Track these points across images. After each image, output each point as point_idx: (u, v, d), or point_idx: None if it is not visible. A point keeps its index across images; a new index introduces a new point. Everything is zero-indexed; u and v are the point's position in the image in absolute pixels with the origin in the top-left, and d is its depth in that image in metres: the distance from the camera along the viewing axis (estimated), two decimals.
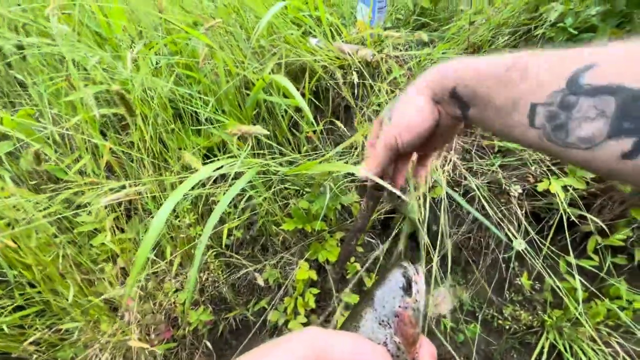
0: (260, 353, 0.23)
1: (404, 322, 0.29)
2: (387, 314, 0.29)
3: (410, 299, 0.30)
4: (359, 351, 0.24)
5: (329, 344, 0.23)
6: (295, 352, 0.22)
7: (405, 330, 0.28)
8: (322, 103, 1.13)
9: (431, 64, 1.11)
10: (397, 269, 0.32)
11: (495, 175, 1.09)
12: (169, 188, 0.81)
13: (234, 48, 0.85)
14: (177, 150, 0.89)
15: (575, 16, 0.87)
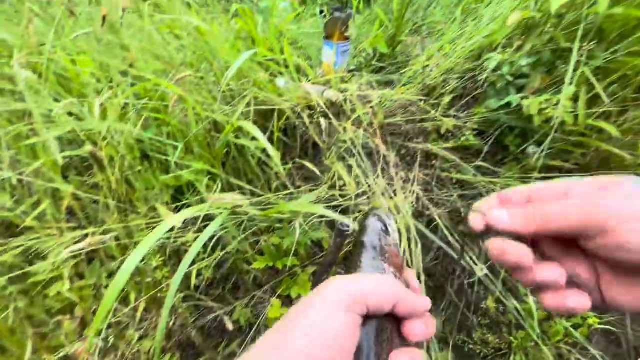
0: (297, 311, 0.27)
1: (393, 255, 0.36)
2: (378, 252, 0.36)
3: (390, 237, 0.38)
4: (380, 281, 0.30)
5: (356, 285, 0.28)
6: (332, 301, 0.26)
7: (394, 261, 0.35)
8: (291, 140, 1.18)
9: (392, 104, 1.21)
10: (373, 217, 0.39)
11: (455, 204, 1.16)
12: (136, 232, 0.79)
13: (203, 92, 0.88)
14: (145, 191, 0.88)
15: (511, 65, 1.00)
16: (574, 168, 1.08)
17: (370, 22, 1.83)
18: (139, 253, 0.45)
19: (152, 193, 0.85)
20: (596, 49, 0.97)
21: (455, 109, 1.18)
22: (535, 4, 1.01)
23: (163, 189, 0.87)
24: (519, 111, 1.01)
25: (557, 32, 0.97)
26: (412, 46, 1.46)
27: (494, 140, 1.12)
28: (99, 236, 0.53)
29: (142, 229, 0.85)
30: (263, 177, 1.07)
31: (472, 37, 1.18)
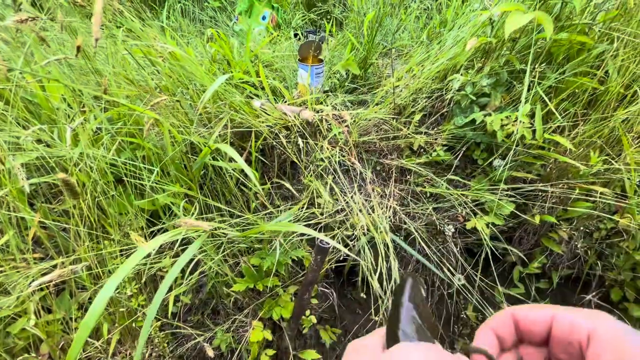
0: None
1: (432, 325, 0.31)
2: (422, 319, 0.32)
3: None
4: None
5: None
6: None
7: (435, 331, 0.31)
8: (269, 160, 1.19)
9: (366, 122, 1.25)
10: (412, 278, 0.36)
11: (430, 217, 1.20)
12: (109, 260, 0.76)
13: (179, 114, 0.88)
14: (118, 216, 0.86)
15: (473, 85, 1.07)
16: (536, 178, 1.16)
17: (343, 45, 1.91)
18: (112, 283, 0.44)
19: (126, 218, 0.83)
20: (547, 70, 1.07)
21: (425, 126, 1.24)
22: (491, 30, 1.10)
23: (138, 214, 0.85)
24: (484, 127, 1.08)
25: (512, 55, 1.06)
26: (382, 68, 1.53)
27: (463, 154, 1.19)
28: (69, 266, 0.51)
29: (115, 257, 0.82)
30: (241, 197, 1.07)
31: (437, 60, 1.26)
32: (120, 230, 0.82)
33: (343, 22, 2.68)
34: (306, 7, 3.07)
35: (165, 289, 0.48)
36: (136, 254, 0.47)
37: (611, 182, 1.09)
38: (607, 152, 1.08)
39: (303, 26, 2.77)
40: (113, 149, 0.75)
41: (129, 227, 0.82)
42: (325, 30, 2.43)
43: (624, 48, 0.99)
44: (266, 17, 2.60)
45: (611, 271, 1.17)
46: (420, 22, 1.94)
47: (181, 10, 2.78)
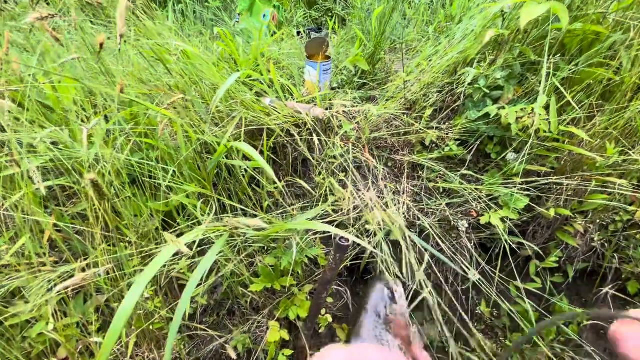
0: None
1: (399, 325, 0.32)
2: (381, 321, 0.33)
3: (397, 305, 0.35)
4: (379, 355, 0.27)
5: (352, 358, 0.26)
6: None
7: (400, 332, 0.32)
8: (280, 158, 1.18)
9: (377, 118, 1.24)
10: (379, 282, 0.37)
11: (444, 213, 1.19)
12: (126, 263, 0.76)
13: (192, 114, 0.87)
14: (133, 218, 0.85)
15: (486, 78, 1.06)
16: (551, 172, 1.14)
17: (347, 41, 1.90)
18: (139, 286, 0.43)
19: (140, 220, 0.82)
20: (560, 62, 1.05)
21: (436, 121, 1.23)
22: (503, 22, 1.08)
23: (153, 215, 0.84)
24: (497, 121, 1.07)
25: (525, 47, 1.04)
26: (391, 63, 1.52)
27: (476, 149, 1.17)
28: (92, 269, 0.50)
29: (131, 259, 0.81)
30: (254, 197, 1.06)
31: (447, 54, 1.24)
32: (135, 232, 0.81)
33: (345, 18, 2.66)
34: (307, 5, 3.05)
35: (190, 293, 0.47)
36: (164, 252, 0.46)
37: (627, 174, 1.08)
38: (623, 143, 1.06)
39: (305, 24, 2.76)
40: (127, 150, 0.74)
41: (144, 228, 0.81)
42: (327, 27, 2.42)
43: (639, 38, 0.98)
44: (267, 15, 2.59)
45: (628, 264, 1.16)
46: (425, 17, 1.93)
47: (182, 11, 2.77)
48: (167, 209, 0.85)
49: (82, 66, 0.76)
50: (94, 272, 0.49)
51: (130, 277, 0.74)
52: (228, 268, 0.82)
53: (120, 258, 0.77)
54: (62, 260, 0.89)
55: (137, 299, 0.42)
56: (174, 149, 0.83)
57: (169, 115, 0.68)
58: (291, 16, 2.79)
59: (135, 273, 0.74)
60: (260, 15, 2.60)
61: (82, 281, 0.49)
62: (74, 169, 0.74)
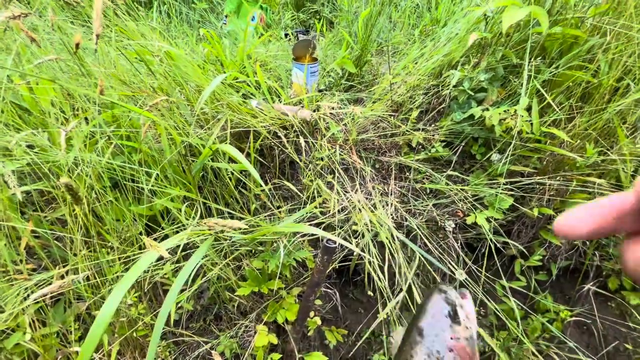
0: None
1: (463, 355, 0.25)
2: (440, 349, 0.25)
3: (460, 327, 0.26)
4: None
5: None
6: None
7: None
8: (268, 160, 1.17)
9: (364, 120, 1.25)
10: (438, 294, 0.28)
11: (431, 213, 1.20)
12: (107, 269, 0.73)
13: (176, 116, 0.85)
14: (115, 223, 0.83)
15: (470, 80, 1.07)
16: (533, 172, 1.17)
17: (335, 44, 1.91)
18: (118, 292, 0.42)
19: (123, 224, 0.80)
20: (541, 65, 1.08)
21: (422, 122, 1.24)
22: (486, 26, 1.11)
23: (136, 220, 0.82)
24: (482, 122, 1.09)
25: (507, 50, 1.07)
26: (377, 65, 1.53)
27: (461, 150, 1.19)
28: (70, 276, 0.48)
29: (112, 265, 0.79)
30: (241, 199, 1.05)
31: (432, 56, 1.26)
32: (117, 237, 0.79)
33: (333, 21, 2.67)
34: (295, 7, 3.05)
35: (173, 298, 0.46)
36: (145, 258, 0.45)
37: (607, 173, 1.11)
38: (602, 143, 1.10)
39: (293, 26, 2.76)
40: (109, 153, 0.73)
41: (127, 233, 0.79)
42: (315, 29, 2.42)
43: (615, 41, 1.01)
44: (255, 17, 2.58)
45: (608, 261, 1.19)
46: (411, 20, 1.95)
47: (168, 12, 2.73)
48: (151, 212, 0.84)
49: (60, 67, 0.74)
50: (72, 279, 0.47)
51: (112, 283, 0.72)
52: (214, 272, 0.80)
53: (101, 264, 0.75)
54: (41, 267, 0.86)
55: (117, 305, 0.41)
56: (157, 151, 0.82)
57: (152, 117, 0.67)
58: (279, 18, 2.79)
59: (118, 279, 0.72)
60: (247, 17, 2.58)
61: (60, 288, 0.47)
62: (52, 173, 0.72)
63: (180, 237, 0.54)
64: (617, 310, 1.24)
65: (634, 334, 1.18)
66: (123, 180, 0.79)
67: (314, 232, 0.61)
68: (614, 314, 1.26)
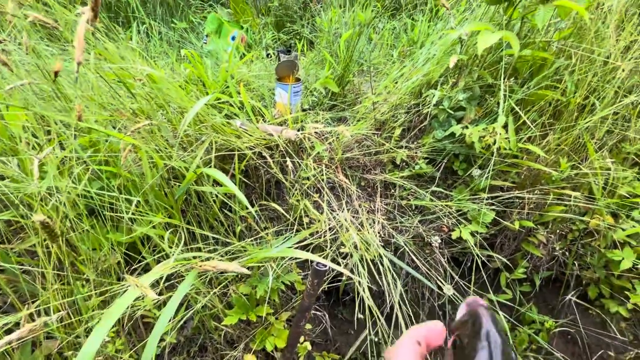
0: None
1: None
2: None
3: None
4: None
5: None
6: None
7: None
8: (253, 181, 1.15)
9: (348, 139, 1.26)
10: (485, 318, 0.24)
11: (417, 230, 1.21)
12: (82, 305, 0.68)
13: (158, 139, 0.83)
14: (91, 252, 0.78)
15: (449, 100, 1.11)
16: (513, 186, 1.21)
17: (316, 63, 1.94)
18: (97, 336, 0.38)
19: (100, 254, 0.76)
20: (514, 85, 1.14)
21: (405, 140, 1.27)
22: (461, 48, 1.16)
23: (114, 248, 0.77)
24: (462, 139, 1.12)
25: (483, 70, 1.12)
26: (359, 85, 1.56)
27: (444, 166, 1.22)
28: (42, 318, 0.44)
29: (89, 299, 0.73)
30: (226, 222, 1.02)
31: (412, 76, 1.30)
32: (94, 269, 0.74)
33: (313, 41, 2.74)
34: (276, 28, 3.11)
35: (158, 336, 0.43)
36: (126, 296, 0.42)
37: (580, 186, 1.16)
38: (574, 158, 1.15)
39: (274, 46, 2.80)
40: (85, 179, 0.69)
41: (105, 264, 0.75)
42: (296, 49, 2.47)
43: (580, 63, 1.08)
44: (235, 37, 2.60)
45: (587, 270, 1.24)
46: (389, 41, 2.03)
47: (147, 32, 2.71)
48: (131, 239, 0.79)
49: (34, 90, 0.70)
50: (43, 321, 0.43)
51: (89, 320, 0.67)
52: (199, 302, 0.77)
53: (76, 299, 0.69)
54: (7, 304, 0.79)
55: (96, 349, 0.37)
56: (138, 176, 0.78)
57: (132, 141, 0.64)
58: (260, 38, 2.82)
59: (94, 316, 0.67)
60: (228, 36, 2.60)
61: (30, 333, 0.43)
62: (22, 202, 0.67)
63: (163, 269, 0.51)
64: (598, 318, 1.28)
65: (615, 342, 1.21)
66: (100, 207, 0.75)
67: (305, 257, 0.59)
68: (595, 322, 1.30)
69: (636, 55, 1.10)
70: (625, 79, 1.10)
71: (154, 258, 0.76)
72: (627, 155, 1.16)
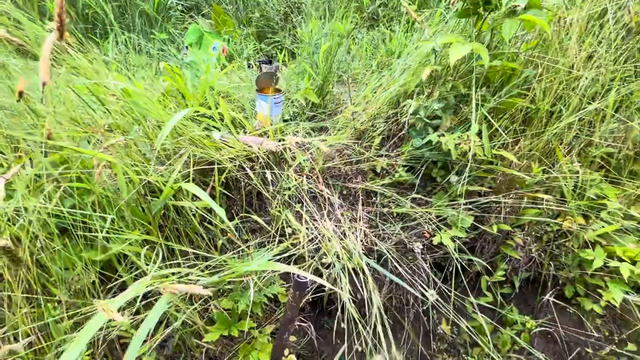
0: None
1: None
2: None
3: None
4: None
5: None
6: None
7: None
8: (234, 193, 1.14)
9: (329, 149, 1.27)
10: None
11: (399, 236, 1.23)
12: (54, 328, 0.65)
13: (134, 153, 0.82)
14: (63, 272, 0.75)
15: (426, 109, 1.15)
16: (489, 191, 1.25)
17: (297, 74, 1.96)
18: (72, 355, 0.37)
19: (73, 274, 0.73)
20: (486, 94, 1.18)
21: (385, 148, 1.30)
22: (435, 59, 1.20)
23: (88, 268, 0.75)
24: (439, 147, 1.15)
25: (456, 81, 1.16)
26: (339, 95, 1.59)
27: (423, 173, 1.25)
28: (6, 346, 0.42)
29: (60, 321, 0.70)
30: (206, 235, 1.00)
31: (390, 86, 1.34)
32: (67, 289, 0.72)
33: (295, 52, 2.77)
34: (257, 39, 3.13)
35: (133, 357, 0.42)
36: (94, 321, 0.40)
37: (552, 189, 1.21)
38: (545, 162, 1.20)
39: (256, 56, 2.81)
40: (57, 197, 0.67)
41: (78, 284, 0.72)
42: (278, 60, 2.49)
43: (546, 72, 1.14)
44: (217, 48, 2.60)
45: (562, 270, 1.28)
46: (368, 52, 2.07)
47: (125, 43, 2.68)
48: (107, 257, 0.77)
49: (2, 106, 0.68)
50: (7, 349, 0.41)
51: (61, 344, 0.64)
52: (179, 319, 0.75)
53: (47, 322, 0.67)
54: None
55: None
56: (113, 192, 0.77)
57: (105, 158, 0.63)
58: (241, 49, 2.83)
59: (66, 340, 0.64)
60: (209, 47, 2.60)
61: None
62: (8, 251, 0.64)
63: (137, 289, 0.50)
64: (576, 316, 1.32)
65: (591, 339, 1.25)
66: (73, 225, 0.73)
67: (286, 269, 0.59)
68: (572, 320, 1.34)
69: (597, 64, 1.17)
70: (588, 87, 1.16)
71: (131, 276, 0.74)
72: (594, 158, 1.22)
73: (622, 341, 1.22)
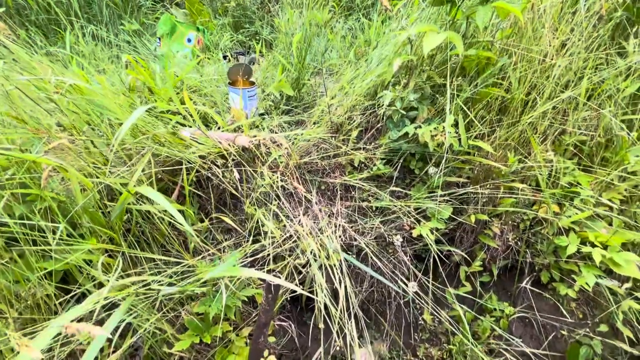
0: None
1: None
2: None
3: None
4: None
5: None
6: None
7: None
8: (206, 192, 1.10)
9: (306, 143, 1.24)
10: None
11: (379, 230, 1.22)
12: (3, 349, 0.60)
13: (89, 155, 0.76)
14: (14, 286, 0.70)
15: (402, 100, 1.12)
16: (467, 182, 1.25)
17: (274, 66, 1.90)
18: None
19: (26, 287, 0.68)
20: (462, 83, 1.17)
21: (363, 141, 1.27)
22: (411, 48, 1.17)
23: (44, 279, 0.70)
24: (416, 139, 1.14)
25: (432, 70, 1.14)
26: (315, 87, 1.55)
27: (401, 166, 1.23)
28: None
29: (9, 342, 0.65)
30: (177, 238, 0.96)
31: (367, 77, 1.30)
32: (19, 304, 0.67)
33: (272, 42, 2.69)
34: (234, 29, 3.03)
35: None
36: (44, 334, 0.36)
37: (527, 178, 1.22)
38: (521, 152, 1.21)
39: (232, 47, 2.71)
40: (0, 205, 0.61)
41: (33, 298, 0.67)
42: (255, 51, 2.40)
43: (521, 61, 1.13)
44: (192, 39, 2.50)
45: (538, 257, 1.30)
46: (346, 42, 2.03)
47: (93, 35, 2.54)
48: (61, 267, 0.72)
49: None
50: None
51: None
52: (145, 328, 0.71)
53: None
54: None
55: None
56: (68, 197, 0.71)
57: (52, 163, 0.58)
58: (217, 39, 2.73)
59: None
60: (183, 39, 2.49)
61: None
62: None
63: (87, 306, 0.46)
64: (551, 301, 1.35)
65: (566, 322, 1.29)
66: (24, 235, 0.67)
67: (250, 275, 0.56)
68: (549, 304, 1.37)
69: (570, 52, 1.17)
70: (562, 75, 1.17)
71: (88, 287, 0.70)
72: (567, 147, 1.23)
73: (595, 323, 1.26)
